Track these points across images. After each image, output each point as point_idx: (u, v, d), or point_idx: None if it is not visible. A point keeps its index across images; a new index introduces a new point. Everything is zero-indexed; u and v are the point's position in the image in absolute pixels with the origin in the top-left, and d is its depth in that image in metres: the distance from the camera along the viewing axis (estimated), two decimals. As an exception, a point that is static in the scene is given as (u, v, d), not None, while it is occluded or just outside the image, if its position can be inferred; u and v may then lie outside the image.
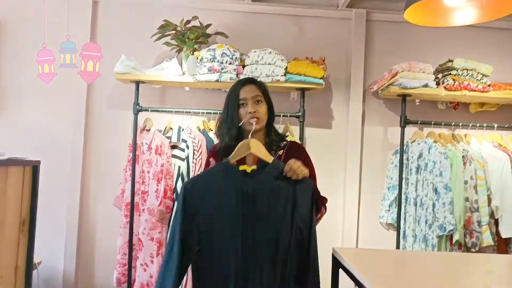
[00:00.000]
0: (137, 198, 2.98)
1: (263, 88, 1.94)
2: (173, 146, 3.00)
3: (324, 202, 1.89)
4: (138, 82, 3.00)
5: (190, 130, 3.00)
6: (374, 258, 1.86)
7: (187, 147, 2.93)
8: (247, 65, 2.94)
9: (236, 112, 1.88)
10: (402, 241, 3.05)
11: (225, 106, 1.95)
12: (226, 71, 2.88)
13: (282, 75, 2.91)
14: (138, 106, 3.01)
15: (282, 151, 1.92)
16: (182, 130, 3.01)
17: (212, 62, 2.87)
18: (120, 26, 3.24)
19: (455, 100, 3.18)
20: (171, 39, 3.01)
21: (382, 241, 3.24)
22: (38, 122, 3.18)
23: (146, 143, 2.99)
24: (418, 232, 2.91)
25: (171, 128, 3.05)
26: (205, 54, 2.89)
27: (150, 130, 3.03)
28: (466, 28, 3.29)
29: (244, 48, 3.05)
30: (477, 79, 2.97)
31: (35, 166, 2.41)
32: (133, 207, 2.95)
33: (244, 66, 2.95)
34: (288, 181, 1.71)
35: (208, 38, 3.02)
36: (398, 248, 3.03)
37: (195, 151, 2.92)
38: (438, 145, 2.92)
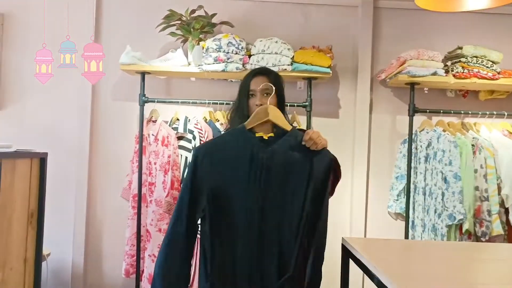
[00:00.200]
0: (144, 190, 2.98)
1: (275, 80, 1.89)
2: (179, 137, 2.99)
3: (338, 173, 1.81)
4: (143, 73, 2.98)
5: (197, 120, 2.98)
6: (384, 247, 1.85)
7: (194, 138, 2.91)
8: (253, 54, 2.91)
9: (246, 102, 1.86)
10: (410, 230, 3.03)
11: (237, 95, 1.94)
12: (232, 61, 2.85)
13: (288, 65, 2.88)
14: (144, 97, 2.99)
15: None
16: (189, 121, 2.99)
17: (217, 52, 2.85)
18: (125, 17, 3.22)
19: (464, 88, 3.14)
20: (176, 29, 2.98)
21: (390, 230, 3.22)
22: (44, 115, 3.17)
23: (152, 134, 2.98)
24: (427, 221, 2.89)
25: (178, 119, 3.04)
26: (210, 44, 2.86)
27: (156, 121, 3.02)
28: (475, 14, 3.24)
29: (250, 37, 3.02)
30: (486, 66, 2.93)
31: (43, 158, 2.41)
32: (140, 199, 2.95)
33: (250, 56, 2.92)
34: (306, 151, 1.65)
35: (213, 27, 2.99)
36: (407, 237, 3.01)
37: (202, 142, 2.90)
38: (447, 133, 2.89)
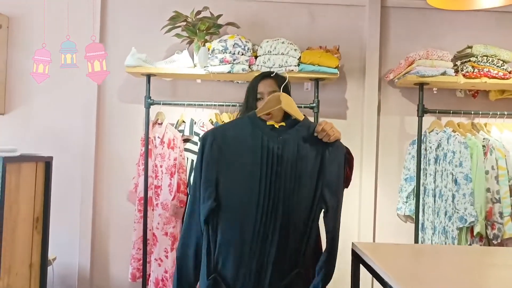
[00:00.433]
0: (150, 193, 2.95)
1: (282, 83, 1.86)
2: (185, 140, 2.96)
3: (351, 165, 1.77)
4: (149, 75, 2.96)
5: (203, 123, 2.96)
6: (394, 252, 1.81)
7: (200, 140, 2.88)
8: (260, 55, 2.87)
9: (254, 105, 1.85)
10: (420, 233, 2.98)
11: (245, 97, 1.92)
12: (238, 62, 2.82)
13: (295, 65, 2.84)
14: (149, 100, 2.97)
15: None
16: (195, 123, 2.97)
17: (223, 54, 2.82)
18: (130, 19, 3.19)
19: (474, 87, 3.09)
20: (182, 31, 2.96)
21: (399, 233, 3.17)
22: (50, 118, 3.16)
23: (158, 137, 2.95)
24: (437, 224, 2.84)
25: (183, 121, 3.01)
26: (216, 45, 2.84)
27: (162, 123, 2.99)
28: (485, 12, 3.19)
29: (256, 38, 2.98)
30: (497, 66, 2.87)
31: (48, 162, 2.40)
32: (146, 202, 2.92)
33: (256, 57, 2.89)
34: (318, 142, 1.60)
35: (219, 29, 2.96)
36: (416, 240, 2.96)
37: (208, 144, 2.87)
38: (458, 134, 2.84)
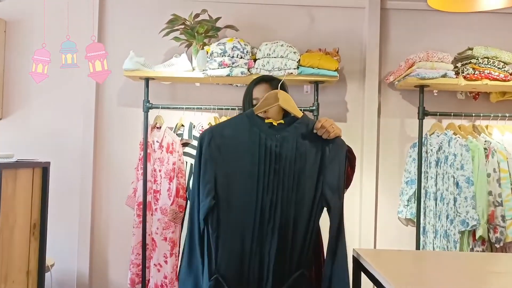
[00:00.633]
0: (149, 198, 2.93)
1: (277, 86, 1.84)
2: (184, 144, 2.94)
3: (353, 165, 1.73)
4: (147, 79, 2.94)
5: (202, 126, 2.93)
6: (396, 259, 1.79)
7: (199, 145, 2.86)
8: (259, 58, 2.85)
9: None
10: (422, 237, 2.96)
11: (242, 102, 1.90)
12: (237, 66, 2.80)
13: (294, 68, 2.82)
14: (148, 104, 2.95)
15: None
16: (194, 127, 2.94)
17: (222, 57, 2.79)
18: (128, 23, 3.17)
19: (475, 89, 3.06)
20: (180, 34, 2.93)
21: (401, 236, 3.15)
22: (48, 123, 3.14)
23: (157, 141, 2.93)
24: (439, 227, 2.82)
25: (182, 125, 2.99)
26: (215, 48, 2.82)
27: (161, 127, 2.97)
28: (485, 14, 3.16)
29: (255, 41, 2.96)
30: (498, 68, 2.85)
31: (45, 168, 2.37)
32: (145, 207, 2.90)
33: (255, 60, 2.87)
34: (317, 139, 1.57)
35: (218, 31, 2.94)
36: (418, 244, 2.94)
37: (207, 148, 2.85)
38: (459, 137, 2.81)
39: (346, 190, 1.70)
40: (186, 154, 2.90)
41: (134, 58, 2.83)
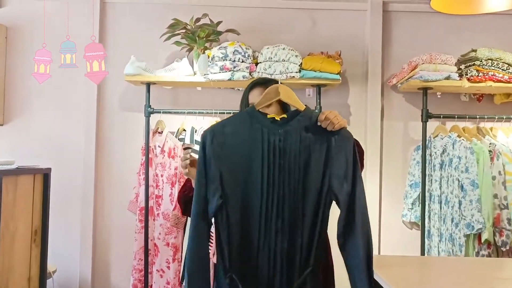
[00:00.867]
0: (151, 203, 2.91)
1: None
2: (186, 148, 2.92)
3: (361, 158, 1.69)
4: (149, 84, 2.92)
5: (204, 131, 2.91)
6: (401, 266, 1.76)
7: (201, 149, 2.85)
8: (260, 62, 2.84)
9: None
10: (426, 240, 2.93)
11: (240, 108, 1.88)
12: (239, 70, 2.78)
13: (296, 72, 2.81)
14: (149, 108, 2.94)
15: None
16: (196, 132, 2.93)
17: (224, 61, 2.78)
18: (129, 27, 3.17)
19: (479, 91, 3.04)
20: (181, 38, 2.92)
21: (405, 240, 3.11)
22: (49, 128, 3.13)
23: (159, 146, 2.92)
24: (444, 231, 2.79)
25: (184, 129, 2.98)
26: (216, 52, 2.80)
27: (162, 132, 2.96)
28: (489, 15, 3.13)
29: (256, 45, 2.95)
30: (502, 69, 2.82)
31: (46, 174, 2.36)
32: (147, 212, 2.88)
33: (257, 64, 2.85)
34: (322, 132, 1.53)
35: (219, 35, 2.93)
36: (423, 247, 2.91)
37: (209, 153, 2.83)
38: (463, 139, 2.79)
39: None
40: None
41: (135, 63, 2.82)
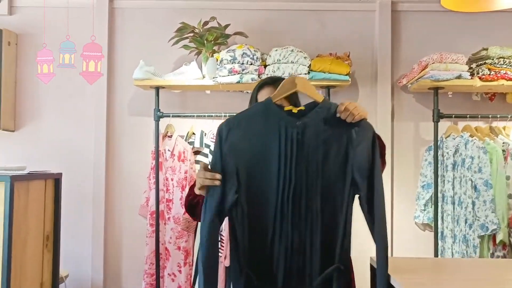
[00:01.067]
0: (162, 207, 2.91)
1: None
2: (196, 152, 2.92)
3: (383, 154, 1.63)
4: (157, 88, 2.93)
5: (213, 134, 2.91)
6: (415, 267, 1.73)
7: (211, 152, 2.84)
8: (269, 64, 2.83)
9: None
10: (440, 242, 2.89)
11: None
12: (248, 72, 2.78)
13: (305, 73, 2.80)
14: (159, 112, 2.94)
15: None
16: (205, 135, 2.93)
17: (232, 64, 2.78)
18: (137, 32, 3.18)
19: (491, 90, 3.00)
20: (189, 42, 2.93)
21: (418, 242, 3.08)
22: (59, 134, 3.15)
23: (168, 150, 2.92)
24: (458, 232, 2.75)
25: (194, 133, 2.98)
26: (224, 55, 2.80)
27: (172, 136, 2.96)
28: (499, 12, 3.08)
29: (265, 47, 2.94)
30: (514, 67, 2.79)
31: (57, 179, 2.37)
32: (158, 216, 2.88)
33: (265, 66, 2.85)
34: (342, 123, 1.48)
35: (227, 38, 2.93)
36: (436, 249, 2.87)
37: (219, 156, 2.83)
38: (476, 139, 2.75)
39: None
40: (197, 162, 2.89)
41: (144, 67, 2.83)
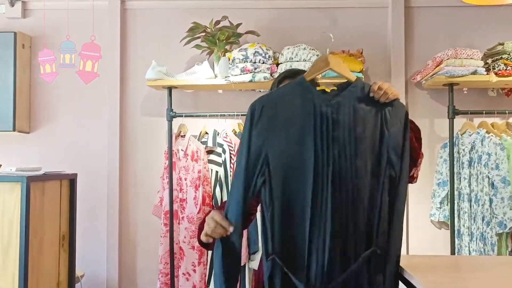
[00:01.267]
0: (175, 206, 2.91)
1: None
2: (209, 151, 2.92)
3: (419, 137, 1.58)
4: (170, 88, 2.94)
5: (226, 133, 2.91)
6: (433, 265, 1.71)
7: (224, 152, 2.84)
8: (281, 63, 2.82)
9: None
10: (456, 240, 2.85)
11: None
12: (260, 71, 2.77)
13: (318, 71, 2.78)
14: (171, 112, 2.95)
15: None
16: (218, 134, 2.93)
17: (244, 63, 2.77)
18: (149, 33, 3.19)
19: (508, 86, 2.95)
20: (201, 42, 2.93)
21: (434, 240, 3.04)
22: (74, 135, 3.18)
23: (182, 150, 2.92)
24: (475, 230, 2.71)
25: (206, 132, 2.98)
26: (237, 54, 2.80)
27: (185, 136, 2.96)
28: (515, 7, 3.05)
29: (277, 45, 2.93)
30: (531, 62, 2.74)
31: (72, 180, 2.39)
32: (172, 216, 2.89)
33: (278, 65, 2.84)
34: (375, 103, 1.45)
35: (239, 37, 2.92)
36: (453, 247, 2.83)
37: (232, 155, 2.83)
38: (492, 135, 2.71)
39: (418, 169, 1.59)
40: (211, 161, 2.89)
41: (156, 68, 2.84)
